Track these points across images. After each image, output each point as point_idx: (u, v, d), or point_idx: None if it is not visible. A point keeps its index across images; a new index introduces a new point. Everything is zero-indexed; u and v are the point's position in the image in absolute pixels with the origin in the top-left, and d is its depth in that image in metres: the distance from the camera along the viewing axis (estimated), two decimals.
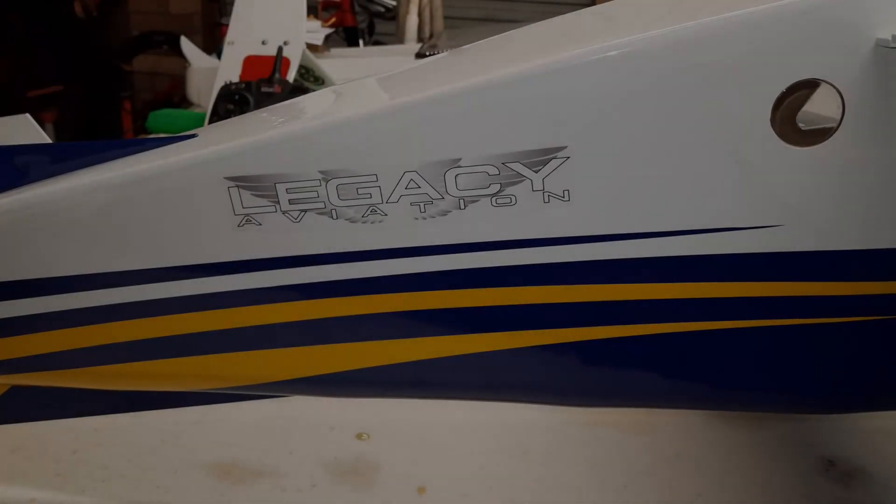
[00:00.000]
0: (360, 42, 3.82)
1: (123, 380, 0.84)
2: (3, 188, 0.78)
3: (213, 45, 4.82)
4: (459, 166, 0.68)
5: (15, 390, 0.92)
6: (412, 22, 3.27)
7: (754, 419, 1.23)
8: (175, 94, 4.79)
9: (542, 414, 1.22)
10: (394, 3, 3.79)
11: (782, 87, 0.63)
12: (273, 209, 0.72)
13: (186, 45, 2.72)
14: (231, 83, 2.13)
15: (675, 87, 0.65)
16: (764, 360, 0.75)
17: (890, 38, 0.59)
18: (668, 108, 0.65)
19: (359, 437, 1.17)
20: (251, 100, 2.07)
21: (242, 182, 0.71)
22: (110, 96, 4.52)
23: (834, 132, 0.64)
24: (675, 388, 0.78)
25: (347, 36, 3.75)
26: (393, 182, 0.69)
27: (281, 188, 0.71)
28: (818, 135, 0.65)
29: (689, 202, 0.68)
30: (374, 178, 0.70)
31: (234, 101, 2.07)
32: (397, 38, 3.54)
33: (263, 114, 0.84)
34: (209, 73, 2.62)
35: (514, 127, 0.67)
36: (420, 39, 3.33)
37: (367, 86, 0.81)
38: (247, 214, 0.72)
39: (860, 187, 0.66)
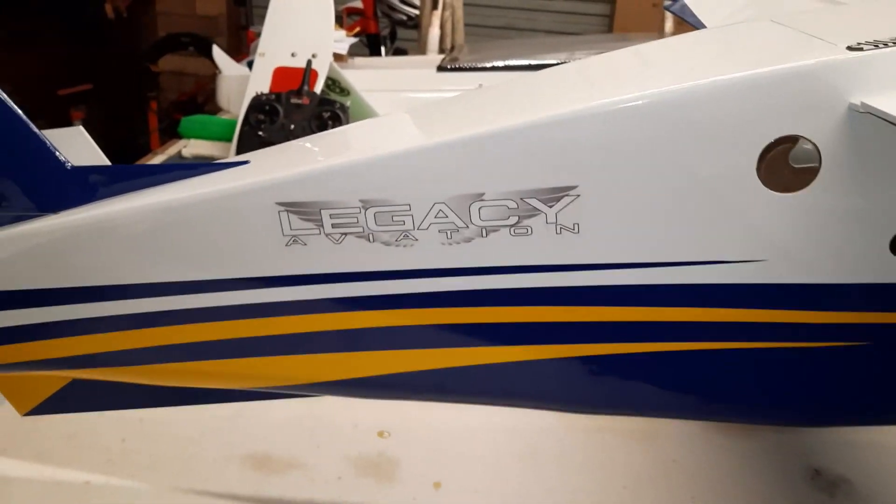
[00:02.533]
0: (382, 49, 3.90)
1: (177, 377, 0.94)
2: (76, 204, 0.88)
3: (238, 47, 4.92)
4: (483, 200, 0.78)
5: (76, 383, 1.02)
6: (434, 34, 3.34)
7: (747, 430, 1.33)
8: (200, 94, 4.90)
9: (550, 419, 1.32)
10: (416, 11, 3.87)
11: (767, 142, 0.72)
12: (317, 232, 0.82)
13: (218, 53, 2.81)
14: (262, 94, 2.22)
15: (674, 139, 0.74)
16: (747, 377, 0.84)
17: (859, 104, 0.68)
18: (668, 157, 0.74)
19: (380, 435, 1.27)
20: (281, 110, 2.17)
21: (292, 207, 0.81)
22: (138, 96, 4.63)
23: (812, 181, 0.73)
24: (666, 400, 0.87)
25: (370, 43, 3.82)
26: (424, 211, 0.79)
27: (325, 214, 0.81)
28: (801, 178, 0.74)
29: (684, 237, 0.77)
30: (407, 207, 0.79)
31: (264, 112, 2.17)
32: (419, 47, 3.61)
33: (310, 143, 0.94)
34: (238, 80, 2.72)
35: (533, 167, 0.76)
36: (441, 50, 3.41)
37: (403, 122, 0.91)
38: (294, 235, 0.82)
39: (835, 229, 0.76)
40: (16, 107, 0.86)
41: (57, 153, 0.87)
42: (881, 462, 1.29)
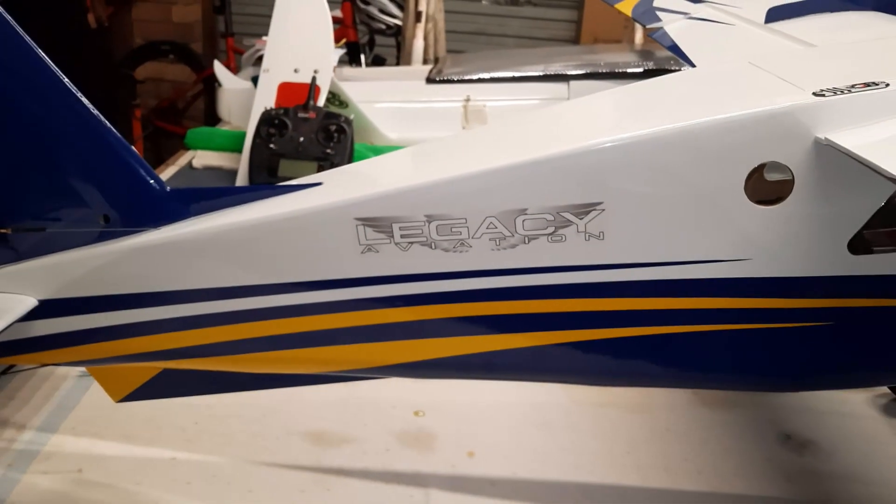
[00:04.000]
0: (362, 57, 4.04)
1: (263, 365, 1.12)
2: (173, 220, 1.05)
3: (213, 53, 5.02)
4: (526, 214, 0.97)
5: (164, 373, 1.18)
6: (418, 46, 3.50)
7: (728, 401, 1.54)
8: (179, 100, 5.00)
9: (561, 396, 1.52)
10: (395, 21, 4.01)
11: (752, 166, 0.92)
12: (388, 241, 1.00)
13: (219, 68, 2.95)
14: (271, 109, 2.38)
15: (679, 164, 0.94)
16: (735, 352, 1.04)
17: (823, 139, 0.89)
18: (675, 178, 0.94)
19: (416, 413, 1.46)
20: (289, 124, 2.33)
21: (368, 222, 0.99)
22: (121, 104, 4.71)
23: (787, 196, 0.94)
24: (673, 372, 1.07)
25: (350, 51, 3.94)
26: (477, 224, 0.98)
27: (395, 226, 0.99)
28: (779, 194, 0.95)
29: (686, 241, 0.97)
30: (463, 220, 0.98)
31: (274, 126, 2.33)
32: (403, 58, 3.75)
33: (376, 166, 1.12)
34: (238, 93, 2.88)
35: (567, 187, 0.95)
36: (425, 60, 3.57)
37: (456, 148, 1.09)
38: (368, 245, 1.00)
39: (805, 233, 0.96)
40: (130, 145, 1.04)
41: (158, 179, 1.04)
42: (842, 427, 1.51)
